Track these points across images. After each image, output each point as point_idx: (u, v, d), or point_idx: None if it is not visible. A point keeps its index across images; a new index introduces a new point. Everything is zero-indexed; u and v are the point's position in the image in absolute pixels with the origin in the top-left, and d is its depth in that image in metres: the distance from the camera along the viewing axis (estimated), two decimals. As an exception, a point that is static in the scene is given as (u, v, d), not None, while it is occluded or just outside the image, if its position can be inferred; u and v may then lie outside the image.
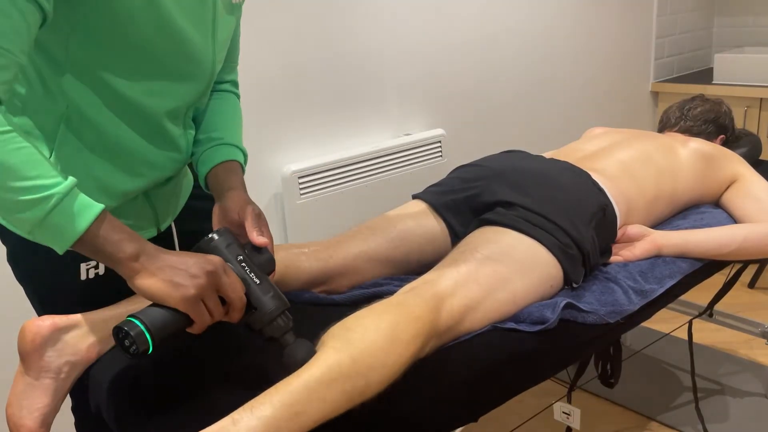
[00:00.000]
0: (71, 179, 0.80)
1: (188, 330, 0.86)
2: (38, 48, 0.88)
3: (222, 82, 1.17)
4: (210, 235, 0.91)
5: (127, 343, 0.82)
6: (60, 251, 0.81)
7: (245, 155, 1.11)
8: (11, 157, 0.76)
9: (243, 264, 0.90)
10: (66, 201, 0.79)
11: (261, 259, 0.95)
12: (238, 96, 1.19)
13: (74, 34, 0.86)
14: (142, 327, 0.82)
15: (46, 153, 0.93)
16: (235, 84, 1.20)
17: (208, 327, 0.87)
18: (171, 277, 0.82)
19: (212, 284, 0.84)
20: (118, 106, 0.94)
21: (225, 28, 1.03)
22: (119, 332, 0.83)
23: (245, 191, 1.04)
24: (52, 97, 0.91)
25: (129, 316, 0.84)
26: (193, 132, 1.10)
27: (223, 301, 0.86)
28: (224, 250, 0.90)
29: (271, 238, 0.98)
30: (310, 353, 0.89)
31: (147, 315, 0.83)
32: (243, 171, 1.10)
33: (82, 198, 0.81)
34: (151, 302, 0.85)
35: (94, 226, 0.81)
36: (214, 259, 0.85)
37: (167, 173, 1.07)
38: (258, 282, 0.90)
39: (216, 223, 1.01)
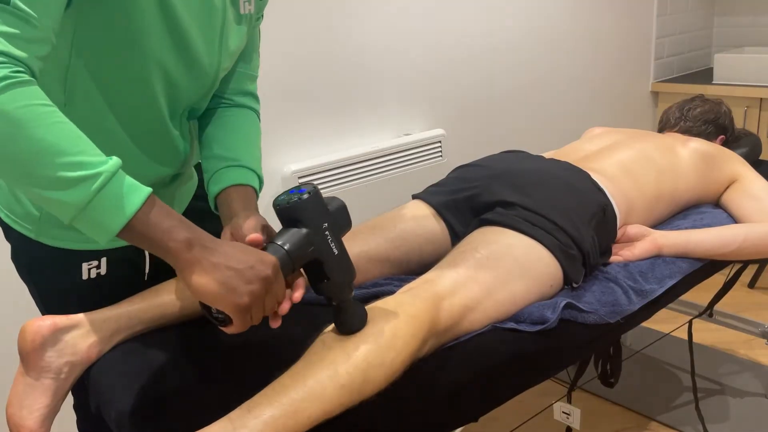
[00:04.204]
0: (117, 159, 0.74)
1: (223, 329, 0.83)
2: None
3: (243, 93, 1.12)
4: (298, 193, 0.86)
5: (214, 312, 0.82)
6: (104, 240, 0.74)
7: (261, 182, 1.06)
8: (52, 131, 0.70)
9: (327, 233, 0.86)
10: (114, 180, 0.73)
11: (342, 221, 0.90)
12: (257, 113, 1.14)
13: (79, 31, 0.85)
14: None
15: None
16: (256, 99, 1.14)
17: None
18: (226, 279, 0.77)
19: (265, 292, 0.80)
20: (115, 104, 0.94)
21: (234, 37, 1.02)
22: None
23: (262, 217, 0.96)
24: (51, 90, 0.91)
25: None
26: (187, 131, 1.09)
27: None
28: (312, 214, 0.85)
29: None
30: (364, 321, 0.91)
31: None
32: (257, 196, 1.04)
33: (130, 180, 0.75)
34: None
35: (144, 210, 0.75)
36: (271, 261, 0.81)
37: (167, 171, 1.07)
38: (336, 253, 0.88)
39: None
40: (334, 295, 0.90)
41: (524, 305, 1.12)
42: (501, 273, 1.10)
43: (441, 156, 2.22)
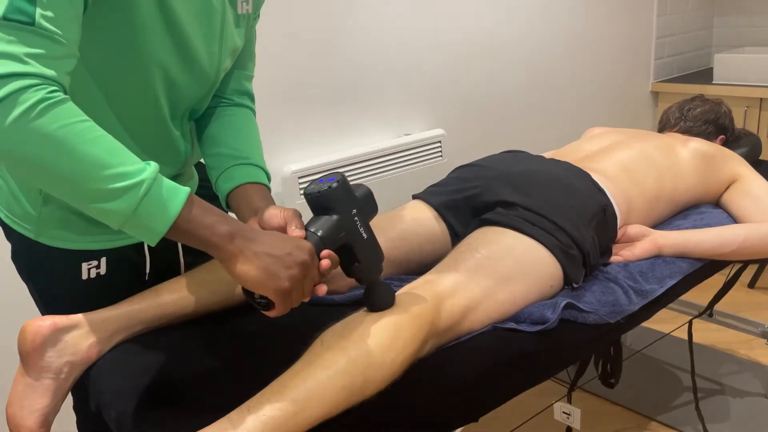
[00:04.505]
0: (154, 164, 0.78)
1: (266, 313, 0.87)
2: None
3: (241, 93, 1.14)
4: (328, 182, 0.90)
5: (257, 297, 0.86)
6: (153, 241, 0.79)
7: (269, 178, 1.09)
8: (94, 146, 0.74)
9: (356, 218, 0.91)
10: (156, 186, 0.77)
11: (369, 206, 0.95)
12: (254, 112, 1.16)
13: (81, 33, 0.86)
14: None
15: None
16: (252, 98, 1.17)
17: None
18: (267, 266, 0.82)
19: (303, 276, 0.84)
20: (116, 105, 0.94)
21: (234, 37, 1.02)
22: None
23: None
24: None
25: None
26: (188, 131, 1.09)
27: None
28: (341, 201, 0.90)
29: None
30: (392, 300, 0.96)
31: None
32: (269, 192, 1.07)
33: (168, 183, 0.79)
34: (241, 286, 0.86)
35: (186, 210, 0.79)
36: (307, 247, 0.85)
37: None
38: (365, 237, 0.93)
39: None
40: (365, 277, 0.95)
41: (524, 305, 1.12)
42: (501, 273, 1.10)
43: (441, 156, 2.21)
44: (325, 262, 0.88)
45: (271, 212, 0.93)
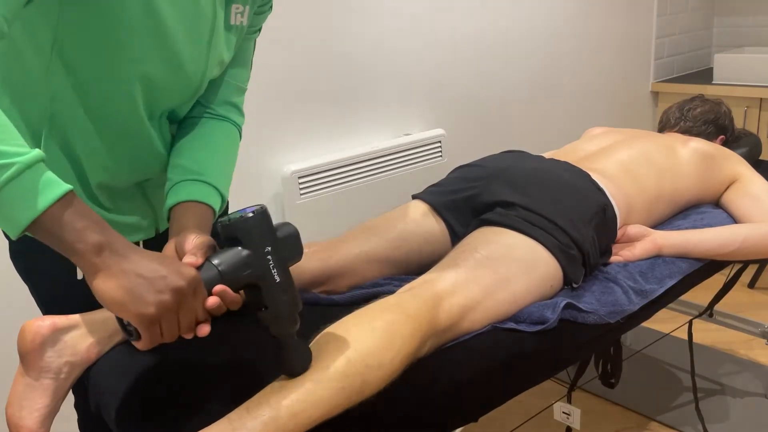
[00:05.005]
0: (38, 152, 0.71)
1: (134, 344, 0.77)
2: (25, 31, 0.86)
3: (227, 104, 1.08)
4: (245, 212, 0.80)
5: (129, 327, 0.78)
6: (13, 234, 0.71)
7: (223, 200, 1.00)
8: None
9: (269, 256, 0.81)
10: (28, 174, 0.69)
11: (289, 248, 0.84)
12: (239, 128, 1.10)
13: (62, 26, 0.84)
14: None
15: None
16: (240, 112, 1.10)
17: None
18: (133, 286, 0.73)
19: (176, 305, 0.75)
20: (89, 102, 0.92)
21: (223, 46, 1.00)
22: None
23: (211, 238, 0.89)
24: (39, 87, 0.90)
25: None
26: (168, 132, 1.06)
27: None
28: (253, 235, 0.80)
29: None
30: (308, 363, 0.85)
31: None
32: (215, 216, 0.98)
33: (49, 175, 0.71)
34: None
35: (56, 208, 0.70)
36: (189, 274, 0.76)
37: (146, 175, 1.05)
38: (278, 280, 0.81)
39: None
40: (273, 327, 0.83)
41: (524, 305, 1.12)
42: (501, 273, 1.10)
43: (441, 156, 2.22)
44: (212, 299, 0.78)
45: (187, 236, 0.85)
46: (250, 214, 0.80)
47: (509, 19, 2.46)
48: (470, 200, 1.33)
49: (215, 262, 0.80)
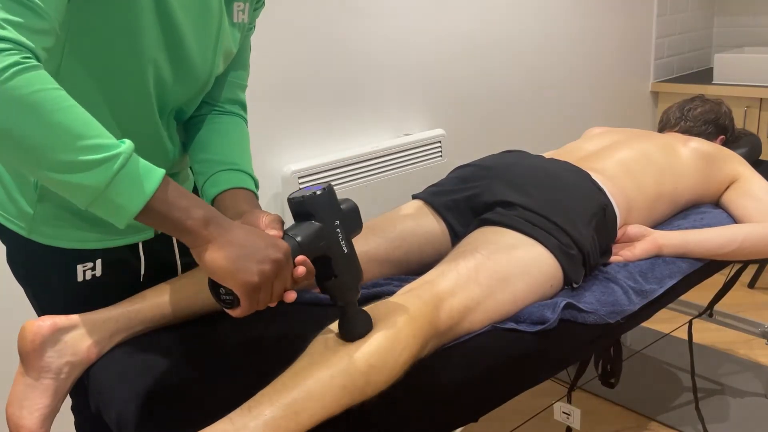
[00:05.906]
0: (130, 141, 0.74)
1: (229, 312, 0.83)
2: None
3: (233, 102, 1.12)
4: (312, 189, 0.87)
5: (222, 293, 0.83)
6: (122, 222, 0.74)
7: (257, 184, 1.06)
8: (68, 115, 0.70)
9: (338, 230, 0.88)
10: (132, 162, 0.73)
11: (353, 221, 0.91)
12: (246, 121, 1.14)
13: (74, 26, 0.85)
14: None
15: None
16: (244, 107, 1.15)
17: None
18: (238, 256, 0.78)
19: (274, 274, 0.80)
20: (110, 100, 0.93)
21: (229, 42, 1.02)
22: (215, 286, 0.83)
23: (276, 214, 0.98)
24: None
25: None
26: (175, 131, 1.08)
27: None
28: (325, 209, 0.87)
29: None
30: (367, 329, 0.90)
31: None
32: (256, 198, 1.04)
33: (144, 161, 0.75)
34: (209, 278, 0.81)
35: (161, 190, 0.75)
36: (283, 246, 0.82)
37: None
38: (345, 251, 0.88)
39: None
40: (339, 295, 0.90)
41: (524, 305, 1.12)
42: (501, 273, 1.10)
43: (441, 156, 2.22)
44: (300, 269, 0.84)
45: (255, 214, 0.90)
46: (320, 191, 0.87)
47: (509, 19, 2.46)
48: (470, 200, 1.33)
49: (292, 234, 0.86)
